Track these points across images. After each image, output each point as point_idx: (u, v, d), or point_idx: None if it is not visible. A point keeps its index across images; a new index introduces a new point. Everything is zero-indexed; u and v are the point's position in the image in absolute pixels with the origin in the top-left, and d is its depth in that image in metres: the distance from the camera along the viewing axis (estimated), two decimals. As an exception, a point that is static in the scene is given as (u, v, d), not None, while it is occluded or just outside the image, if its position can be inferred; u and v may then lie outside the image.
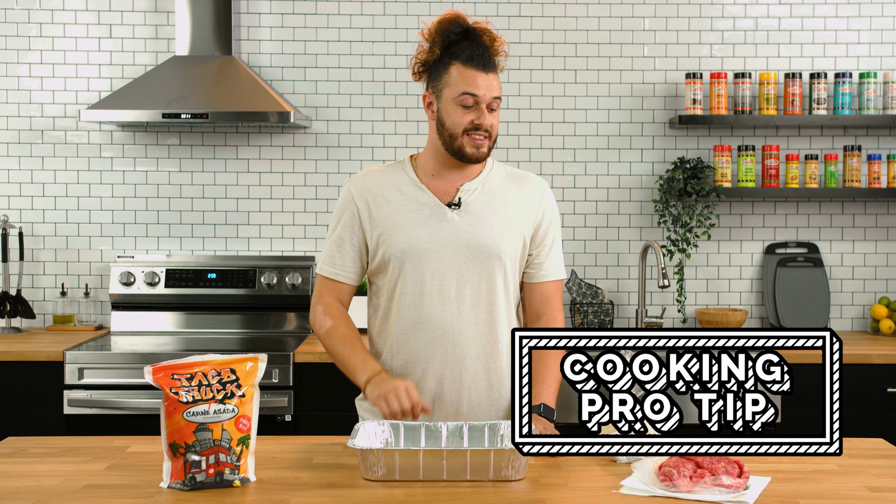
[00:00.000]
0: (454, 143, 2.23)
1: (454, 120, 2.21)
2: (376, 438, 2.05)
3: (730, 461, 1.91)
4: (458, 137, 2.22)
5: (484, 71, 2.20)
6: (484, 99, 2.20)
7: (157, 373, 1.88)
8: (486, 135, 2.22)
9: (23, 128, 4.04)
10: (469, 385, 2.27)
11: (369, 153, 4.06)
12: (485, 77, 2.20)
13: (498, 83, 2.24)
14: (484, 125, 2.20)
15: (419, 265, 2.24)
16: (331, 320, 2.30)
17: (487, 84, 2.20)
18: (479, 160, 2.25)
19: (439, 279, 2.24)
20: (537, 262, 2.33)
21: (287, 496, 1.83)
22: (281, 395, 3.42)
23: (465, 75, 2.20)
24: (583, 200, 4.07)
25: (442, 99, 2.23)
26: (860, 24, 4.05)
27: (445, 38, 2.22)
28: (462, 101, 2.20)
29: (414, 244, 2.24)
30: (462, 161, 2.25)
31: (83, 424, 3.42)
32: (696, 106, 3.92)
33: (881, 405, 3.49)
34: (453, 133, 2.22)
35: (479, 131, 2.21)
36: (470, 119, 2.20)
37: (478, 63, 2.20)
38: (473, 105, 2.20)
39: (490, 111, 2.22)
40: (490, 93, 2.20)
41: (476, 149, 2.22)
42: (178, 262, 3.99)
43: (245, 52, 4.04)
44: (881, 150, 4.06)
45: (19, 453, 2.13)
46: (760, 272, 4.10)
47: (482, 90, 2.19)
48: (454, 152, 2.24)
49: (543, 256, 2.33)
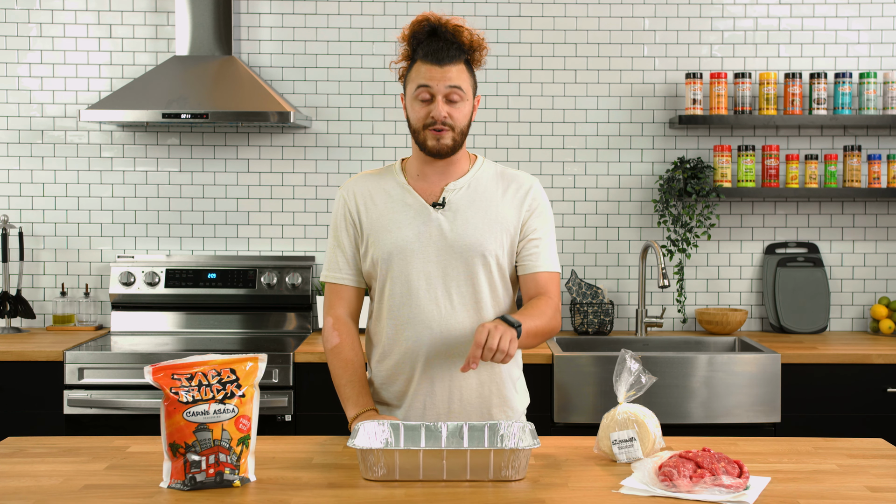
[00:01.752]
0: (418, 139, 2.26)
1: (414, 115, 2.25)
2: (376, 438, 2.05)
3: (730, 461, 1.91)
4: (419, 132, 2.24)
5: (439, 64, 2.20)
6: (438, 90, 2.20)
7: (157, 373, 1.88)
8: (447, 126, 2.22)
9: (23, 128, 4.04)
10: (460, 383, 2.28)
11: (369, 153, 4.06)
12: (439, 70, 2.20)
13: (460, 73, 2.22)
14: (438, 117, 2.20)
15: (405, 265, 2.26)
16: (338, 338, 2.33)
17: (441, 75, 2.20)
18: (443, 153, 2.25)
19: (426, 279, 2.25)
20: (530, 254, 2.32)
21: (287, 496, 1.83)
22: (281, 395, 3.42)
23: (420, 70, 2.22)
24: (583, 200, 4.07)
25: (407, 97, 2.28)
26: (860, 24, 4.05)
27: (415, 39, 2.25)
28: (418, 95, 2.22)
29: (400, 245, 2.26)
30: (429, 155, 2.26)
31: (83, 424, 3.42)
32: (696, 106, 3.92)
33: (881, 405, 3.49)
34: (415, 128, 2.25)
35: (436, 123, 2.21)
36: (426, 112, 2.22)
37: (433, 58, 2.20)
38: (430, 98, 2.22)
39: (450, 102, 2.21)
40: (444, 83, 2.20)
41: (437, 141, 2.23)
42: (178, 262, 3.99)
43: (245, 52, 4.04)
44: (881, 150, 4.06)
45: (19, 453, 2.13)
46: (760, 272, 4.10)
47: (434, 81, 2.20)
48: (421, 147, 2.26)
49: (533, 248, 2.31)
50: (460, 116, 2.23)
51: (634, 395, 2.09)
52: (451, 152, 2.26)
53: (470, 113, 2.26)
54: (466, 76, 2.24)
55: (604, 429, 2.08)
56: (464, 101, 2.23)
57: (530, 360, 3.33)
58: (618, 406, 2.10)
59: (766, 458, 2.11)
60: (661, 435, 2.09)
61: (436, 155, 2.25)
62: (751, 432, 3.40)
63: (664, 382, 3.34)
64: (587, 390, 3.40)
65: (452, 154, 2.27)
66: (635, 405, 2.10)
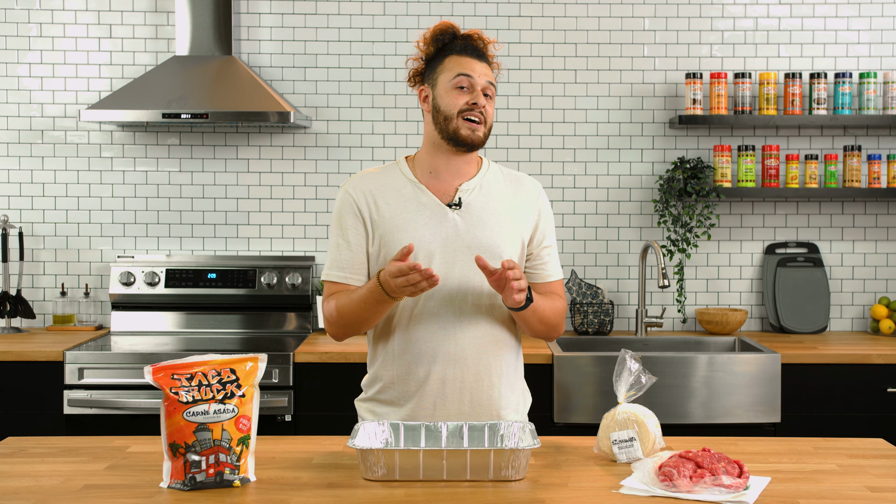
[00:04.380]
0: (449, 126, 2.25)
1: (449, 101, 2.25)
2: (376, 438, 2.05)
3: (730, 461, 1.91)
4: (453, 119, 2.24)
5: (477, 58, 2.27)
6: (479, 82, 2.25)
7: (157, 373, 1.88)
8: (482, 118, 2.25)
9: (23, 128, 4.04)
10: (471, 385, 2.27)
11: (369, 153, 4.06)
12: (478, 63, 2.26)
13: (492, 74, 2.29)
14: (479, 104, 2.23)
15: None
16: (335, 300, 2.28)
17: (482, 70, 2.26)
18: (475, 144, 2.26)
19: (441, 279, 2.24)
20: (539, 264, 2.35)
21: (287, 496, 1.83)
22: (281, 395, 3.42)
23: (459, 61, 2.26)
24: (583, 200, 4.07)
25: (437, 86, 2.27)
26: (860, 24, 4.05)
27: (439, 40, 2.29)
28: (457, 83, 2.24)
29: (418, 245, 2.23)
30: (457, 146, 2.26)
31: (83, 424, 3.42)
32: (696, 106, 3.92)
33: (881, 405, 3.49)
34: (448, 115, 2.24)
35: (475, 112, 2.23)
36: (465, 100, 2.24)
37: (471, 52, 2.27)
38: (468, 87, 2.24)
39: (485, 97, 2.26)
40: (484, 77, 2.26)
41: (471, 132, 2.24)
42: (178, 262, 3.99)
43: (245, 52, 4.04)
44: (881, 150, 4.06)
45: (19, 453, 2.13)
46: (760, 272, 4.10)
47: (476, 73, 2.25)
48: (450, 136, 2.25)
49: (545, 257, 2.36)
50: (492, 112, 2.29)
51: (634, 395, 2.09)
52: (480, 145, 2.28)
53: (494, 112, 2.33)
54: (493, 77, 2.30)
55: (604, 429, 2.08)
56: (493, 100, 2.29)
57: (530, 361, 3.33)
58: (618, 406, 2.10)
59: (766, 458, 2.11)
60: (661, 435, 2.09)
61: (467, 145, 2.25)
62: (751, 432, 3.40)
63: (664, 382, 3.34)
64: (587, 390, 3.40)
65: (477, 148, 2.29)
66: (635, 405, 2.10)
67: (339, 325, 2.27)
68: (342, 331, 2.29)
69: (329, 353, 3.44)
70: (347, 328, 2.27)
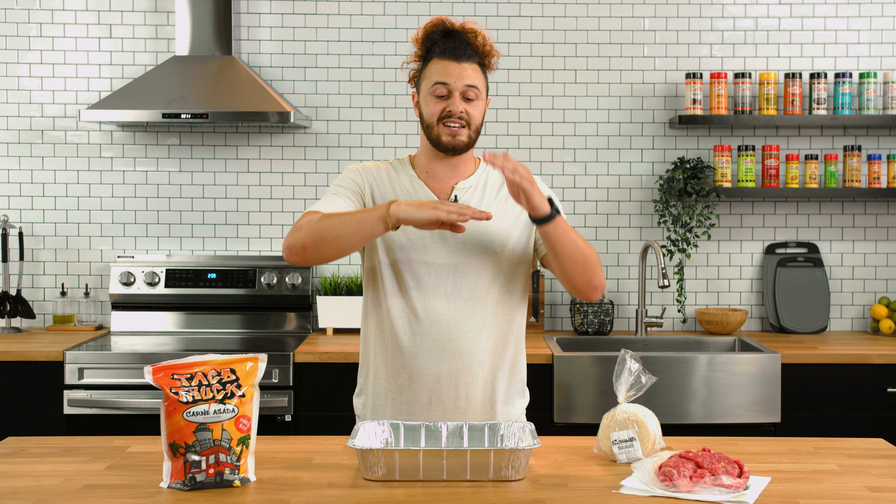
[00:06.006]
0: (432, 134, 2.26)
1: (429, 110, 2.26)
2: (376, 438, 2.05)
3: (730, 461, 1.91)
4: (434, 127, 2.26)
5: (457, 61, 2.24)
6: (455, 87, 2.23)
7: (157, 373, 1.88)
8: (463, 123, 2.24)
9: (23, 128, 4.04)
10: (466, 380, 2.27)
11: (369, 153, 4.06)
12: (457, 66, 2.24)
13: (475, 73, 2.26)
14: (455, 112, 2.23)
15: (416, 259, 2.26)
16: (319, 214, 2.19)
17: (459, 73, 2.23)
18: (458, 149, 2.26)
19: (436, 274, 2.25)
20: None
21: (287, 496, 1.83)
22: (281, 395, 3.42)
23: (437, 67, 2.25)
24: (583, 200, 4.07)
25: (421, 93, 2.29)
26: (860, 24, 4.05)
27: (429, 40, 2.29)
28: (435, 91, 2.24)
29: (411, 238, 2.25)
30: (441, 151, 2.27)
31: (83, 424, 3.42)
32: (696, 106, 3.92)
33: (881, 405, 3.49)
34: (429, 123, 2.26)
35: (452, 118, 2.23)
36: (442, 107, 2.24)
37: (451, 54, 2.24)
38: (447, 94, 2.24)
39: (466, 100, 2.24)
40: (462, 81, 2.23)
41: (452, 137, 2.25)
42: (178, 262, 3.99)
43: (245, 52, 4.04)
44: (881, 150, 4.06)
45: (19, 453, 2.13)
46: (760, 272, 4.10)
47: (452, 78, 2.23)
48: (434, 143, 2.27)
49: None
50: (476, 114, 2.26)
51: (634, 395, 2.09)
52: (465, 148, 2.27)
53: (484, 111, 2.29)
54: (481, 76, 2.28)
55: (604, 429, 2.08)
56: (479, 100, 2.27)
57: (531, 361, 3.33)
58: (618, 406, 2.10)
59: (766, 458, 2.11)
60: (661, 435, 2.09)
61: (450, 150, 2.26)
62: (751, 432, 3.40)
63: (664, 382, 3.34)
64: (587, 390, 3.40)
65: (466, 150, 2.29)
66: (635, 405, 2.10)
67: (309, 232, 2.11)
68: (308, 240, 2.11)
69: (329, 353, 3.44)
70: (317, 238, 2.10)
